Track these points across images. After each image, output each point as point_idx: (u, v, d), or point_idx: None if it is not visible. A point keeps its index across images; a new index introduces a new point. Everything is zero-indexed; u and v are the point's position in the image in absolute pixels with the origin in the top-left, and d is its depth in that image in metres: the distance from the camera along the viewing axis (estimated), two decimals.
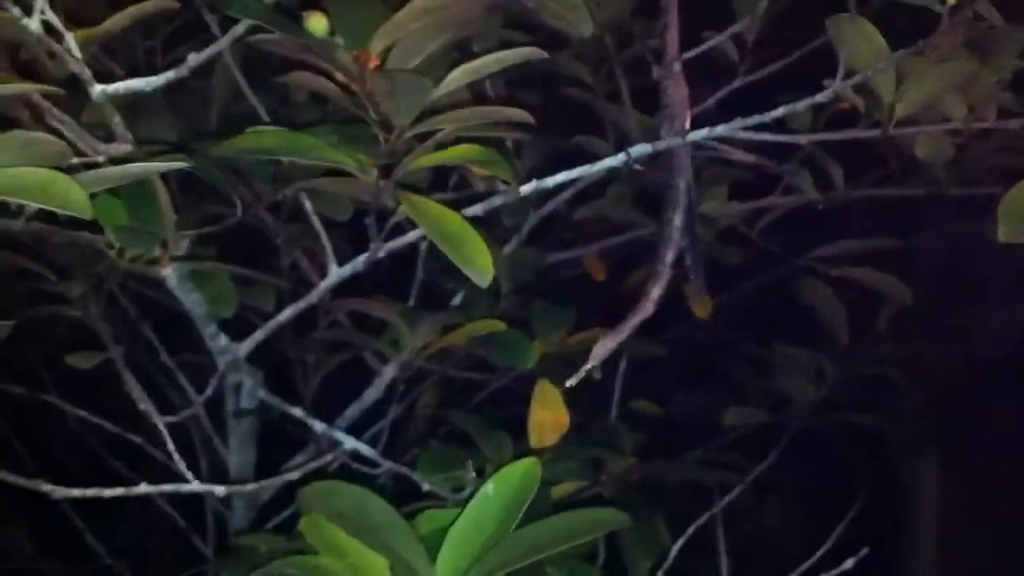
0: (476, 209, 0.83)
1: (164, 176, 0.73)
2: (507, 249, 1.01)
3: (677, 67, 0.89)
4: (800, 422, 1.06)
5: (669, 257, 0.77)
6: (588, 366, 0.71)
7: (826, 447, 1.28)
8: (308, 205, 0.83)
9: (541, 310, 0.97)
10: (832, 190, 0.95)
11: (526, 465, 0.65)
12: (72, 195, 0.50)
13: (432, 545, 0.65)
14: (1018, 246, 1.03)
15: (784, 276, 1.08)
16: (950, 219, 1.12)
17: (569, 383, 0.70)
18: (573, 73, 1.03)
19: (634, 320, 0.73)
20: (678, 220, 0.82)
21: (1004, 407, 1.70)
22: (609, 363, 1.07)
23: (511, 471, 0.65)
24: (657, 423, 1.05)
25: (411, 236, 0.81)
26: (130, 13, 0.69)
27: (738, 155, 0.90)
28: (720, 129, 0.74)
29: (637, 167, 1.01)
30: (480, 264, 0.60)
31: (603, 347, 0.71)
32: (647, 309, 0.73)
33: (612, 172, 1.04)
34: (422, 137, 0.66)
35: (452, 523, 0.65)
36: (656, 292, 0.73)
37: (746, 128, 0.73)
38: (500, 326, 0.82)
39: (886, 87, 0.69)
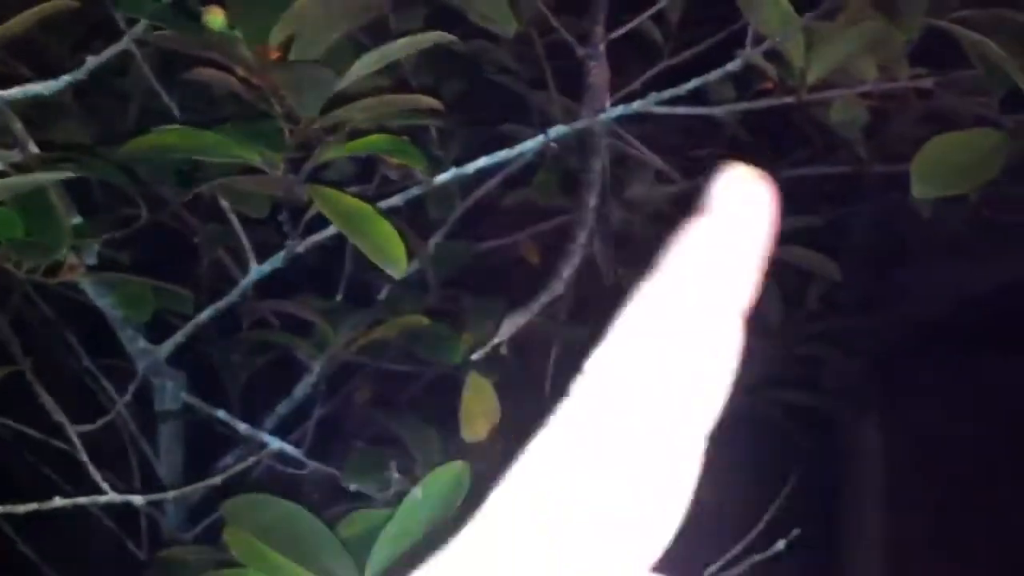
0: (395, 200, 0.82)
1: (81, 179, 0.71)
2: (433, 241, 1.00)
3: (601, 47, 0.89)
4: (734, 403, 1.06)
5: (582, 238, 0.76)
6: (494, 341, 0.70)
7: (766, 417, 1.28)
8: (224, 202, 0.81)
9: (471, 301, 0.96)
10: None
11: (454, 469, 0.64)
12: None
13: (360, 547, 0.64)
14: (946, 214, 1.05)
15: None
16: (880, 192, 1.12)
17: (474, 357, 0.69)
18: (497, 60, 1.02)
19: (543, 299, 0.72)
20: (592, 201, 0.82)
21: (941, 369, 1.73)
22: (542, 351, 1.07)
23: (439, 475, 0.64)
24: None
25: (329, 231, 0.80)
26: (30, 15, 0.66)
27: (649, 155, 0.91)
28: (636, 105, 0.74)
29: (562, 153, 1.02)
30: (392, 254, 0.59)
31: (511, 324, 0.70)
32: (556, 288, 0.72)
33: (540, 159, 1.04)
34: (335, 129, 0.65)
35: (381, 525, 0.64)
36: (566, 272, 0.72)
37: (661, 103, 0.72)
38: (423, 321, 0.80)
39: (796, 53, 0.68)
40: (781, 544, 0.81)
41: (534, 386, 1.02)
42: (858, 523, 2.01)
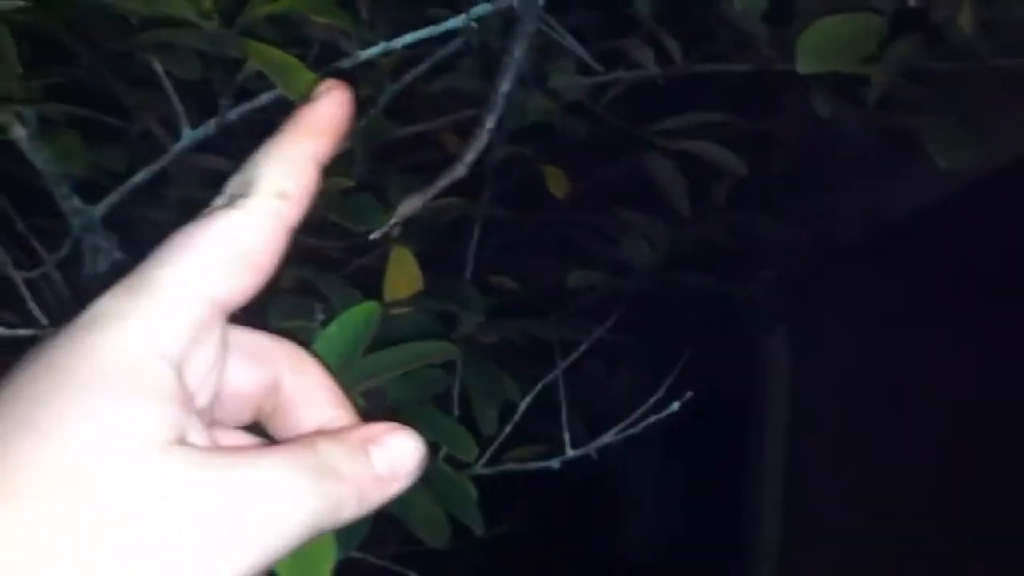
0: (325, 72, 0.86)
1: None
2: (363, 121, 1.04)
3: None
4: (640, 284, 1.13)
5: (490, 123, 0.81)
6: (392, 222, 0.74)
7: (679, 319, 1.36)
8: (158, 67, 0.84)
9: (395, 177, 1.01)
10: (671, 65, 1.00)
11: (368, 305, 0.69)
12: None
13: None
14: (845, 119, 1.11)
15: (629, 150, 1.14)
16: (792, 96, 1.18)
17: (372, 236, 0.73)
18: None
19: (443, 181, 0.76)
20: (505, 87, 0.87)
21: (852, 288, 1.82)
22: (463, 232, 1.12)
23: (354, 311, 0.69)
24: (508, 292, 1.10)
25: (263, 99, 0.83)
26: None
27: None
28: None
29: (490, 43, 1.06)
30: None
31: (408, 205, 0.74)
32: (459, 171, 0.76)
33: (466, 47, 1.08)
34: None
35: None
36: (470, 156, 0.77)
37: None
38: (349, 183, 0.85)
39: None
40: (676, 405, 0.87)
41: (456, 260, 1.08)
42: (767, 431, 2.11)
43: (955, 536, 1.57)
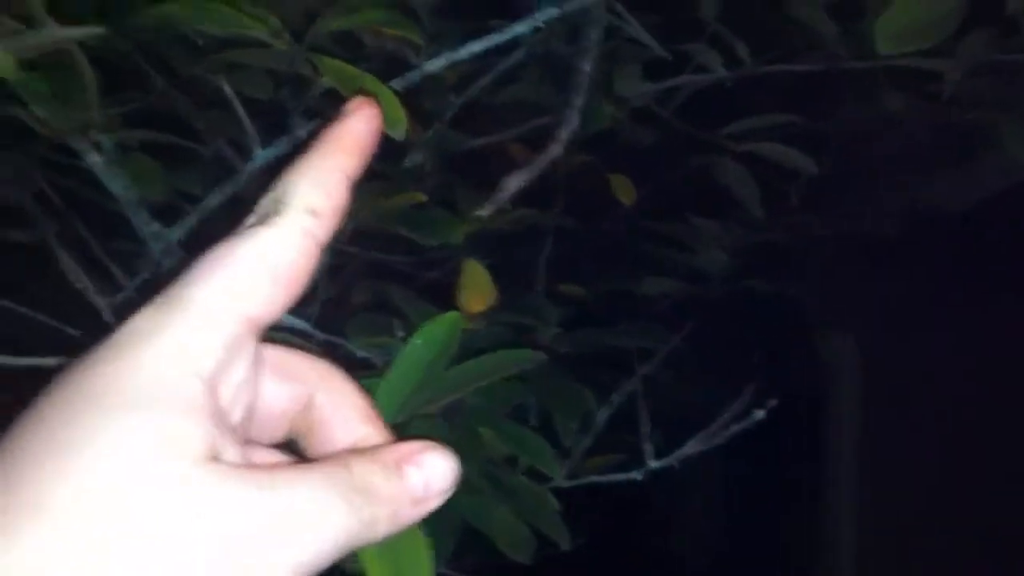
0: (394, 85, 0.86)
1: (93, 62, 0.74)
2: (430, 133, 1.04)
3: None
4: (712, 290, 1.11)
5: (563, 135, 0.80)
6: (501, 195, 0.74)
7: (751, 323, 1.34)
8: (228, 89, 0.85)
9: (466, 190, 1.00)
10: (740, 67, 0.99)
11: (450, 316, 0.69)
12: None
13: None
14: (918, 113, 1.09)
15: (697, 153, 1.12)
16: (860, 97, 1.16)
17: (482, 213, 0.73)
18: None
19: (543, 160, 0.75)
20: (579, 101, 0.86)
21: (922, 284, 1.78)
22: (534, 246, 1.12)
23: (437, 322, 0.69)
24: (582, 302, 1.09)
25: (332, 115, 0.84)
26: None
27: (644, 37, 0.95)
28: None
29: (554, 52, 1.06)
30: (393, 116, 0.62)
31: (512, 183, 0.74)
32: (554, 150, 0.75)
33: (531, 57, 1.08)
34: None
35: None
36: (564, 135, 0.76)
37: None
38: (421, 198, 0.84)
39: None
40: (761, 413, 0.85)
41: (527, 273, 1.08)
42: (838, 434, 2.07)
43: None
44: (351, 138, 0.36)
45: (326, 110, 0.84)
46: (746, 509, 2.28)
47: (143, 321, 0.31)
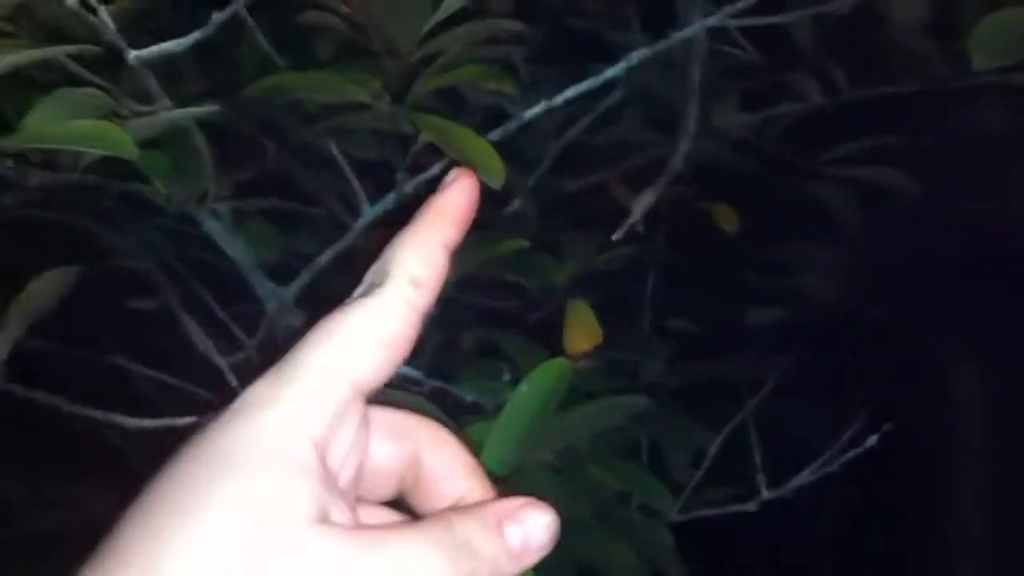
0: (493, 135, 0.88)
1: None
2: (531, 177, 1.06)
3: None
4: (819, 316, 1.10)
5: (683, 147, 0.82)
6: (631, 219, 0.76)
7: (859, 351, 1.32)
8: (335, 150, 0.88)
9: (569, 232, 1.02)
10: (839, 94, 0.99)
11: (558, 363, 0.70)
12: (119, 139, 0.56)
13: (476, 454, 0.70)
14: None
15: (798, 181, 1.12)
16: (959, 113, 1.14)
17: (615, 236, 0.75)
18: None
19: (668, 175, 0.77)
20: (694, 112, 0.88)
21: None
22: (637, 280, 1.13)
23: (544, 368, 0.70)
24: (688, 335, 1.09)
25: (435, 169, 0.86)
26: None
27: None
28: (711, 20, 0.78)
29: (651, 92, 1.07)
30: (490, 166, 0.64)
31: (644, 200, 0.76)
32: (675, 163, 0.77)
33: (628, 97, 1.09)
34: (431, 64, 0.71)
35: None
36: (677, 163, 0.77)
37: (734, 16, 0.76)
38: (524, 243, 0.86)
39: None
40: (874, 439, 0.85)
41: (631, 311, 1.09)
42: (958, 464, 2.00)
43: None
44: (450, 209, 0.38)
45: (429, 164, 0.87)
46: (865, 540, 2.22)
47: (262, 388, 0.34)
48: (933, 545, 2.04)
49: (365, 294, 0.36)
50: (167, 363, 0.89)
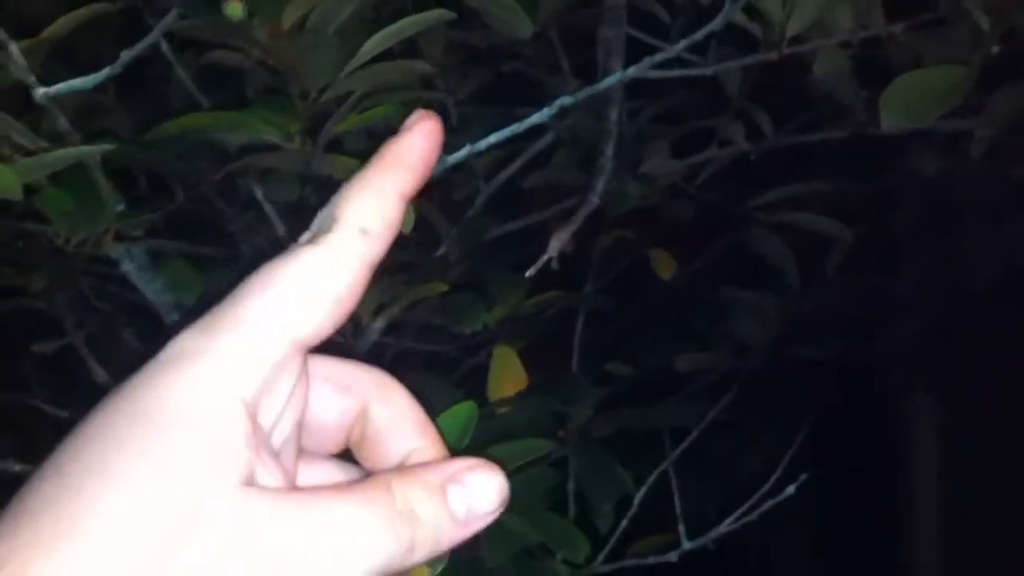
0: None
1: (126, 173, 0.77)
2: (460, 222, 1.05)
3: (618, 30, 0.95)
4: (755, 362, 1.10)
5: (600, 186, 0.81)
6: (546, 257, 0.75)
7: (804, 392, 1.32)
8: (259, 193, 0.87)
9: (496, 275, 1.01)
10: (764, 141, 0.99)
11: (466, 406, 0.70)
12: (3, 179, 0.54)
13: None
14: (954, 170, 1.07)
15: (731, 227, 1.12)
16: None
17: (528, 273, 0.74)
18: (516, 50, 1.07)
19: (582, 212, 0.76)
20: (609, 151, 0.88)
21: (998, 339, 1.72)
22: (567, 321, 1.12)
23: (452, 412, 0.69)
24: (620, 378, 1.08)
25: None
26: (70, 19, 0.73)
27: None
28: (632, 70, 0.78)
29: (581, 135, 1.07)
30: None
31: (561, 236, 0.76)
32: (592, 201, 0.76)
33: (558, 140, 1.09)
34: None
35: None
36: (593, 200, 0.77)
37: (655, 67, 0.77)
38: (443, 287, 0.85)
39: (774, 7, 0.72)
40: (791, 489, 0.84)
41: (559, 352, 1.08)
42: (914, 504, 2.01)
43: None
44: (409, 154, 0.34)
45: None
46: None
47: (189, 341, 0.31)
48: None
49: (310, 242, 0.33)
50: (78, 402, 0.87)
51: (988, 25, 0.70)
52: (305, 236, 0.33)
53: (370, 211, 0.33)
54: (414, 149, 0.34)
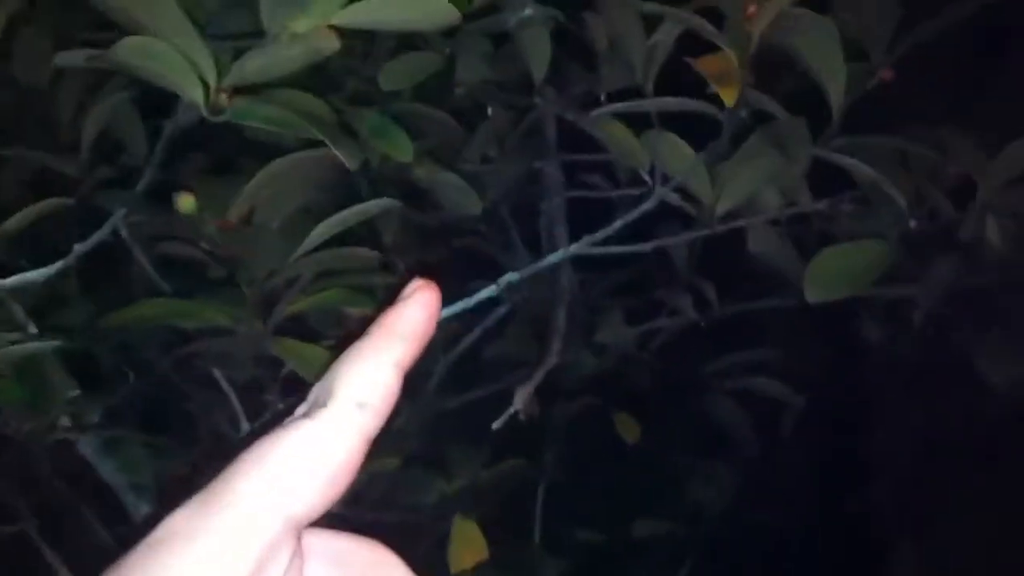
0: None
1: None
2: (420, 396, 1.07)
3: (558, 200, 0.99)
4: (712, 529, 1.10)
5: (555, 347, 0.84)
6: (511, 410, 0.76)
7: (766, 558, 1.31)
8: (217, 372, 0.89)
9: (455, 446, 1.02)
10: (709, 308, 1.02)
11: None
12: None
13: None
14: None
15: (687, 392, 1.14)
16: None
17: (495, 425, 0.75)
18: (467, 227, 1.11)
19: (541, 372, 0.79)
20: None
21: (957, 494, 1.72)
22: (528, 492, 1.12)
23: None
24: (581, 545, 1.08)
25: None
26: (27, 213, 0.76)
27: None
28: (573, 248, 0.82)
29: (536, 308, 1.10)
30: None
31: (522, 394, 0.77)
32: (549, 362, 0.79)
33: (512, 312, 1.12)
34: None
35: None
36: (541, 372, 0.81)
37: (595, 244, 0.80)
38: (395, 464, 0.86)
39: (703, 189, 0.76)
40: None
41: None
42: None
43: None
44: (406, 325, 0.34)
45: (302, 385, 0.88)
46: None
47: (182, 521, 0.31)
48: None
49: (307, 415, 0.32)
50: None
51: (905, 203, 0.74)
52: (301, 409, 0.34)
53: (367, 384, 0.33)
54: (411, 320, 0.34)
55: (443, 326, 0.97)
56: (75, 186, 0.78)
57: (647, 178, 0.81)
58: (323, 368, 0.63)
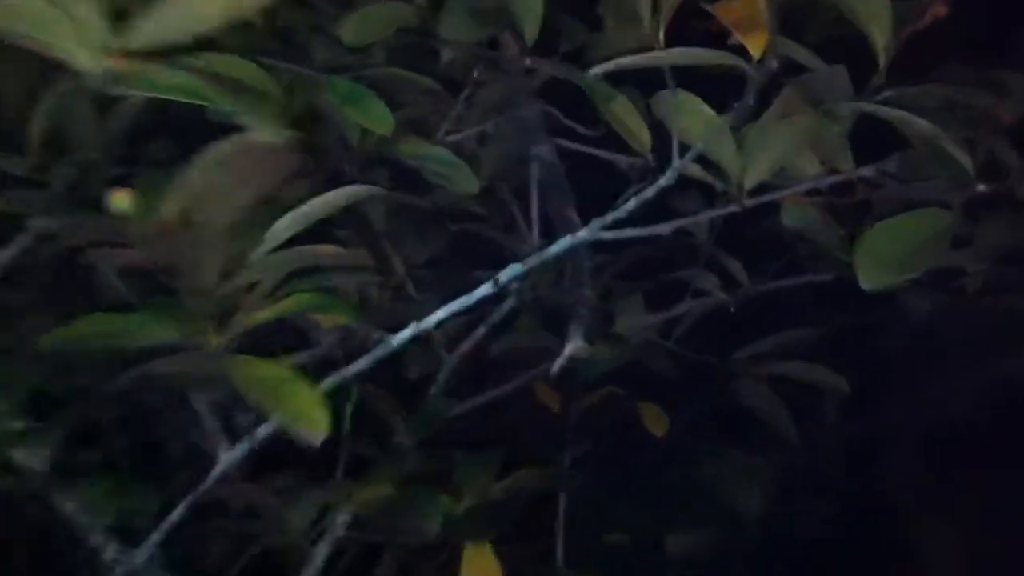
0: (361, 363, 0.79)
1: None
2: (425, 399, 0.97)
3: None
4: (750, 533, 1.00)
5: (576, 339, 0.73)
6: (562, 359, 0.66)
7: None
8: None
9: (463, 459, 0.92)
10: (738, 287, 0.92)
11: None
12: None
13: None
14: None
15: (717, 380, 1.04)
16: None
17: (553, 370, 0.68)
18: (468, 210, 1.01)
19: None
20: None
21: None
22: (546, 505, 1.02)
23: None
24: (609, 561, 0.98)
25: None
26: None
27: None
28: (583, 233, 0.71)
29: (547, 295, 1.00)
30: (313, 420, 0.54)
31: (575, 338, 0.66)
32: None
33: (520, 304, 1.02)
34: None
35: None
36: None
37: (606, 228, 0.69)
38: (388, 491, 0.76)
39: (728, 157, 0.65)
40: None
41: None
42: None
43: None
44: None
45: None
46: None
47: None
48: None
49: None
50: None
51: (970, 163, 0.62)
52: None
53: None
54: None
55: (444, 325, 0.88)
56: None
57: (650, 161, 0.71)
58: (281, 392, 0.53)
